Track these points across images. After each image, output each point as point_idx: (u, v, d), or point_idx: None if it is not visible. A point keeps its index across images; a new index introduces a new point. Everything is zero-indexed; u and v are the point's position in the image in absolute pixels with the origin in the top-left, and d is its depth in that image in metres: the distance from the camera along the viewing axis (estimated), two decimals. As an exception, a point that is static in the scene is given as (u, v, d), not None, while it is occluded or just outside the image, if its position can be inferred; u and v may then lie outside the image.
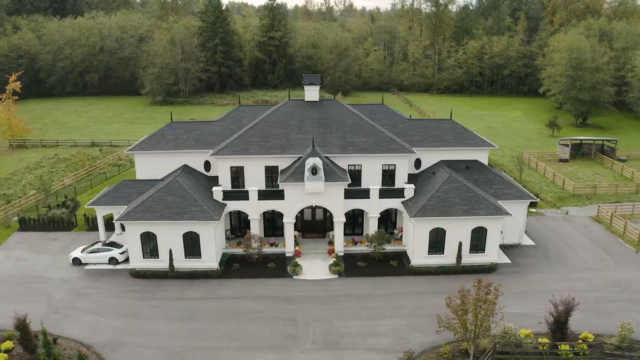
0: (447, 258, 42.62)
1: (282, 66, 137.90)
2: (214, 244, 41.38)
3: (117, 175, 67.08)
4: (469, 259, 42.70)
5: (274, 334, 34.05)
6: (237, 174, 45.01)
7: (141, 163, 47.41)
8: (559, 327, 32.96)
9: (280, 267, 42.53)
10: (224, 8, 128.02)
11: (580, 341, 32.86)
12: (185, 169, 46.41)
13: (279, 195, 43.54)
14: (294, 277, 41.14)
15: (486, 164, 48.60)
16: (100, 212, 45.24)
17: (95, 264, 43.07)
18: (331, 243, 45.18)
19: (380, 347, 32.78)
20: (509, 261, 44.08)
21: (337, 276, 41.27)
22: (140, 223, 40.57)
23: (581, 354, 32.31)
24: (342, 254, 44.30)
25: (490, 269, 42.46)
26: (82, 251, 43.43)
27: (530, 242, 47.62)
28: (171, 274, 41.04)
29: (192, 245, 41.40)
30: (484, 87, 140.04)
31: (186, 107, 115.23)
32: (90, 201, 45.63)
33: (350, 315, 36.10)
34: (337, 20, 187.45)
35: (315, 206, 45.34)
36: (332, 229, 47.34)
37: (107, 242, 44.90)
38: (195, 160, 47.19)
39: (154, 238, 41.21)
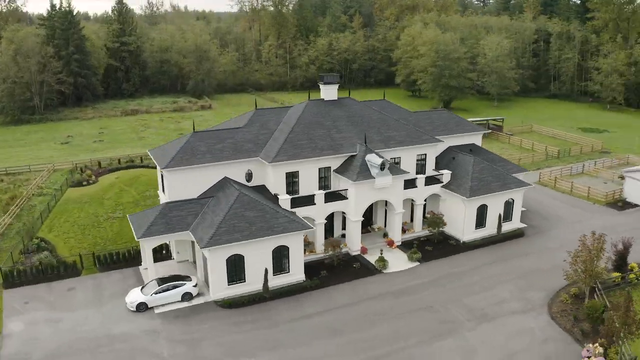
0: (488, 230, 47.92)
1: (137, 73, 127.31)
2: (302, 255, 39.72)
3: (63, 204, 56.10)
4: (502, 227, 48.62)
5: (430, 323, 35.14)
6: (291, 179, 43.44)
7: (174, 181, 41.81)
8: (624, 261, 41.15)
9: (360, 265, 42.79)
10: (75, 13, 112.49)
11: (636, 269, 41.51)
12: (228, 181, 42.79)
13: (341, 195, 43.59)
14: (383, 271, 41.93)
15: (480, 146, 55.11)
16: (150, 244, 39.05)
17: (165, 304, 37.43)
18: (386, 235, 46.72)
19: (517, 309, 36.77)
20: (525, 225, 51.18)
21: (418, 263, 43.29)
22: (227, 246, 36.76)
23: (638, 279, 41.02)
24: (399, 243, 46.28)
25: (520, 233, 49.04)
26: (145, 294, 37.24)
27: (523, 208, 55.59)
28: (268, 295, 38.09)
29: (280, 260, 39.06)
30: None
31: (47, 125, 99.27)
32: (140, 233, 38.67)
33: (469, 291, 39.00)
34: (161, 22, 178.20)
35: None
36: (372, 223, 48.91)
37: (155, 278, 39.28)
38: (237, 170, 43.64)
39: (240, 260, 37.71)
